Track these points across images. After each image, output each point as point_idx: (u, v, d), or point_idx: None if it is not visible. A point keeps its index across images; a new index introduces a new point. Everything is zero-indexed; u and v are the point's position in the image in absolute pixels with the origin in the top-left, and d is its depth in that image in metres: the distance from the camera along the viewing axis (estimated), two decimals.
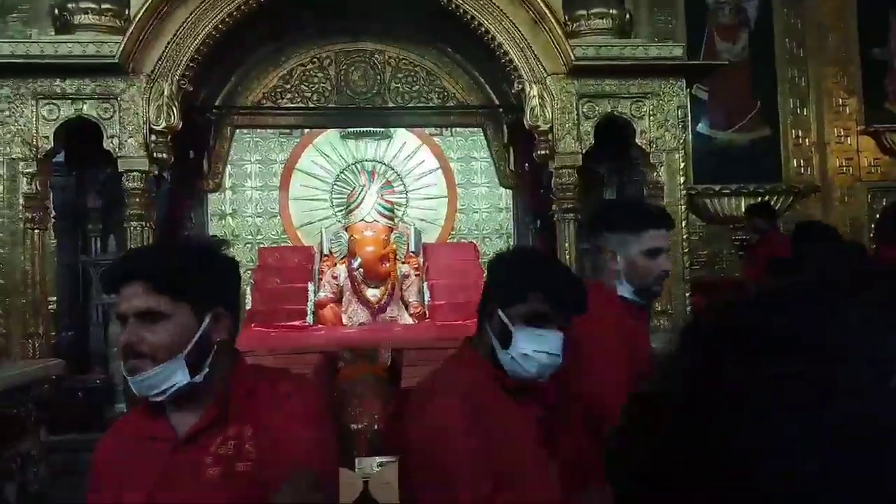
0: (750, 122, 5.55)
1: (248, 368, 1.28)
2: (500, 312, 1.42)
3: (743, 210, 5.15)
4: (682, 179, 4.16)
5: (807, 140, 5.60)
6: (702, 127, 5.50)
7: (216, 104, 4.85)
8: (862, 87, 5.59)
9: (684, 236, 4.16)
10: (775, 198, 5.33)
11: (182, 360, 1.16)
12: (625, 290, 1.78)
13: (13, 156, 3.77)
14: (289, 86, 4.91)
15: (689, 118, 5.24)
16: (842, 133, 5.63)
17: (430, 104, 5.03)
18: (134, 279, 1.17)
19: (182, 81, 3.90)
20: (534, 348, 1.40)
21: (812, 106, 5.60)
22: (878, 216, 4.82)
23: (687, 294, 4.08)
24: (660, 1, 5.44)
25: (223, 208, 6.45)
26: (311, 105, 4.96)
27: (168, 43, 3.83)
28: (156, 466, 1.16)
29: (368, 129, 5.94)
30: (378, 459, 2.94)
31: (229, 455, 1.14)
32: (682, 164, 4.18)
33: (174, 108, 3.86)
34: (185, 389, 1.17)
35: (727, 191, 5.32)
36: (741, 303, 0.39)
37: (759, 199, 5.29)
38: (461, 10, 3.99)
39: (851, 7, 5.60)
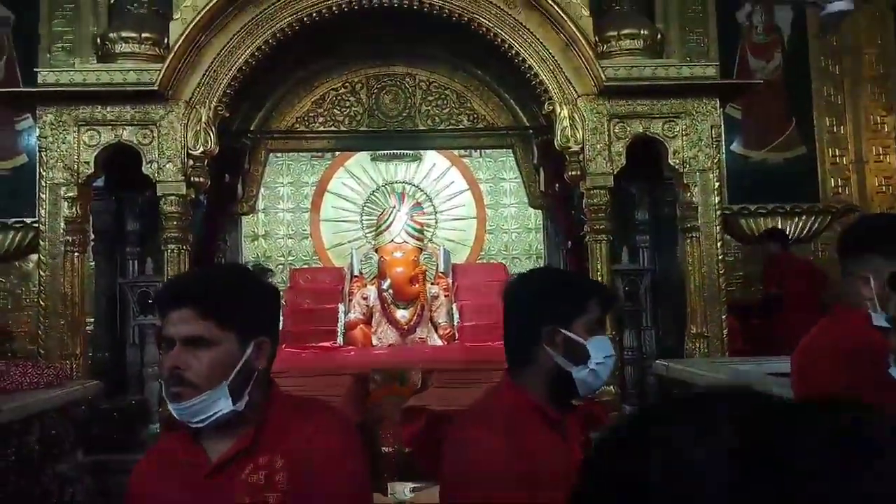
0: (785, 140, 5.46)
1: (283, 398, 1.28)
2: (564, 332, 1.36)
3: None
4: (716, 199, 4.10)
5: (844, 159, 5.50)
6: (736, 146, 5.43)
7: (251, 129, 4.94)
8: None
9: (719, 257, 4.09)
10: (812, 218, 5.23)
11: (225, 388, 1.16)
12: (880, 320, 1.44)
13: (55, 180, 3.89)
14: (321, 110, 4.99)
15: (724, 137, 5.19)
16: (880, 151, 5.51)
17: (460, 126, 5.06)
18: (184, 304, 1.18)
19: (219, 107, 3.99)
20: (604, 354, 1.38)
21: (849, 124, 5.50)
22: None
23: (723, 316, 4.00)
24: (691, 20, 5.42)
25: (256, 230, 6.54)
26: (342, 129, 5.02)
27: (206, 71, 3.93)
28: (188, 493, 1.16)
29: (398, 151, 5.99)
30: (410, 485, 2.92)
31: (259, 485, 1.14)
32: (717, 184, 4.12)
33: (211, 134, 3.95)
34: (226, 417, 1.17)
35: (763, 210, 5.23)
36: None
37: (796, 218, 5.20)
38: (492, 34, 4.02)
39: (887, 23, 5.51)
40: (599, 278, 3.94)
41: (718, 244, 4.10)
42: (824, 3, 2.98)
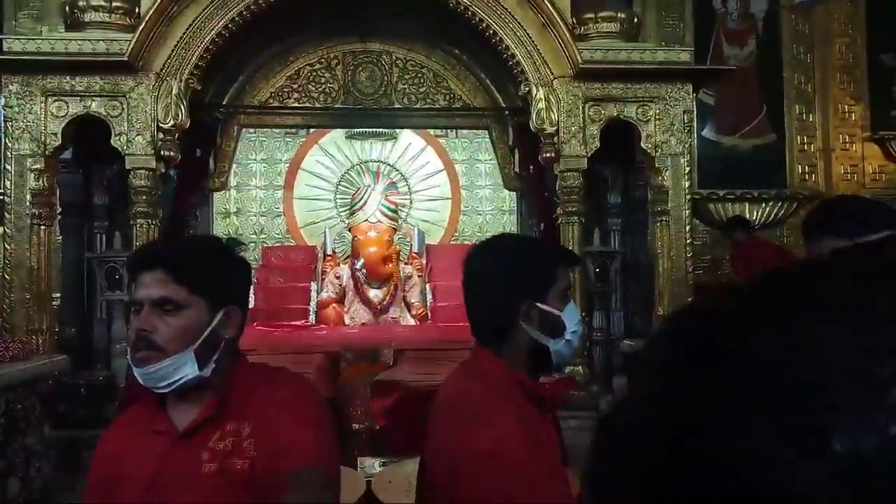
0: (756, 127, 5.54)
1: (249, 366, 1.29)
2: (540, 306, 1.29)
3: (747, 216, 5.17)
4: (686, 184, 4.16)
5: (812, 146, 5.60)
6: (707, 132, 5.50)
7: (224, 103, 4.86)
8: (869, 94, 5.59)
9: (688, 241, 4.16)
10: (780, 204, 5.32)
11: (191, 353, 1.16)
12: None
13: (21, 152, 3.79)
14: (296, 85, 4.93)
15: (696, 123, 5.25)
16: (847, 140, 5.62)
17: (436, 106, 5.04)
18: (155, 267, 1.18)
19: (190, 80, 3.91)
20: (576, 321, 1.33)
21: (818, 112, 5.59)
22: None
23: (689, 299, 4.08)
24: (668, 5, 5.44)
25: (228, 207, 6.48)
26: (317, 105, 4.97)
27: (177, 42, 3.85)
28: (154, 460, 1.16)
29: (374, 129, 5.96)
30: (380, 460, 2.95)
31: (227, 451, 1.15)
32: (688, 169, 4.18)
33: (182, 107, 3.88)
34: (192, 383, 1.18)
35: (732, 196, 5.32)
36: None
37: (763, 204, 5.30)
38: (469, 12, 4.01)
39: (860, 13, 5.60)
40: None
41: (687, 228, 4.16)
42: None
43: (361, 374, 4.24)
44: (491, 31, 4.01)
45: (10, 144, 3.80)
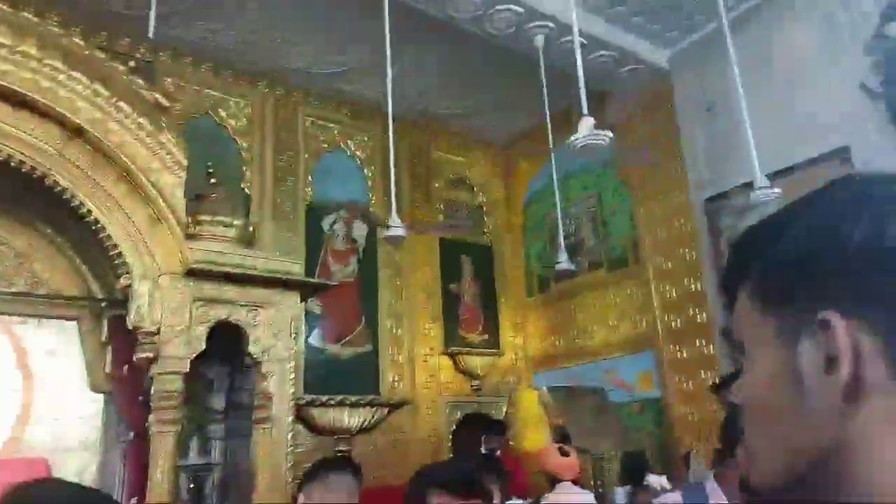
0: (355, 337, 6.08)
1: None
2: None
3: (346, 422, 5.42)
4: (291, 389, 4.21)
5: (400, 357, 6.33)
6: (314, 338, 5.81)
7: None
8: (442, 315, 6.67)
9: (289, 448, 4.11)
10: (374, 409, 5.74)
11: None
12: None
13: None
14: None
15: (303, 329, 5.50)
16: (428, 352, 6.53)
17: (15, 289, 4.32)
18: None
19: None
20: None
21: (406, 326, 6.43)
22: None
23: None
24: (283, 219, 5.90)
25: None
26: None
27: None
28: None
29: None
30: None
31: None
32: (292, 375, 4.25)
33: None
34: None
35: (333, 401, 5.55)
36: None
37: (361, 409, 5.66)
38: (76, 199, 3.68)
39: (435, 248, 6.84)
40: (161, 477, 3.57)
41: (289, 435, 4.13)
42: (385, 227, 3.56)
43: None
44: (93, 218, 3.72)
45: None
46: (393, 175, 3.79)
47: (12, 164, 3.60)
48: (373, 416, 5.66)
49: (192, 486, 4.02)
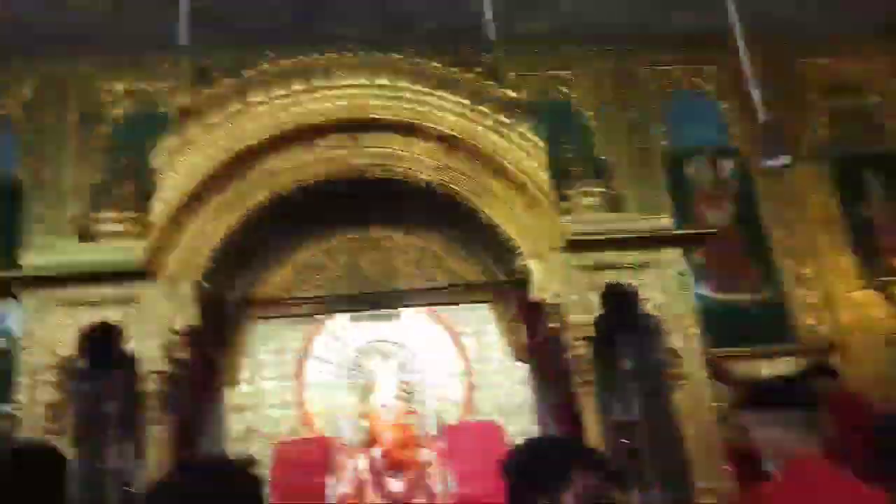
0: (748, 283, 5.63)
1: None
2: None
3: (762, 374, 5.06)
4: (696, 344, 4.12)
5: (812, 298, 5.62)
6: (703, 290, 5.57)
7: (233, 299, 5.02)
8: (852, 244, 5.73)
9: (710, 404, 4.03)
10: (792, 358, 5.21)
11: None
12: None
13: (34, 365, 3.86)
14: (301, 276, 5.12)
15: (691, 283, 5.31)
16: (847, 288, 5.65)
17: (439, 285, 5.18)
18: None
19: (201, 282, 4.08)
20: None
21: (810, 263, 5.68)
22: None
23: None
24: (644, 177, 5.83)
25: (241, 402, 6.39)
26: (323, 293, 5.12)
27: (188, 247, 4.07)
28: None
29: (379, 311, 6.04)
30: None
31: None
32: (695, 329, 4.16)
33: (195, 309, 4.00)
34: None
35: (746, 353, 5.24)
36: None
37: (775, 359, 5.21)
38: (460, 197, 4.27)
39: (824, 169, 5.90)
40: (593, 431, 3.87)
41: (708, 389, 4.05)
42: (764, 159, 3.24)
43: None
44: (484, 214, 4.24)
45: (25, 359, 3.88)
46: (759, 98, 3.42)
47: (416, 185, 4.33)
48: (794, 366, 5.17)
49: (623, 440, 4.24)
